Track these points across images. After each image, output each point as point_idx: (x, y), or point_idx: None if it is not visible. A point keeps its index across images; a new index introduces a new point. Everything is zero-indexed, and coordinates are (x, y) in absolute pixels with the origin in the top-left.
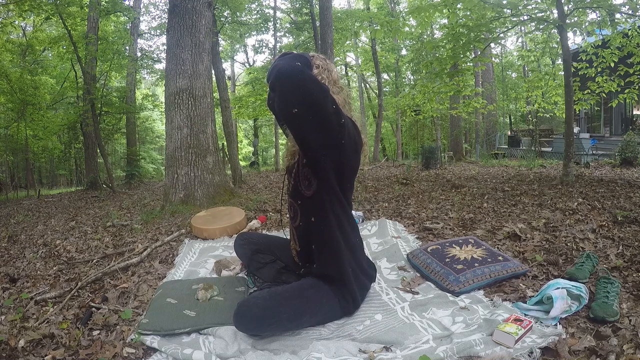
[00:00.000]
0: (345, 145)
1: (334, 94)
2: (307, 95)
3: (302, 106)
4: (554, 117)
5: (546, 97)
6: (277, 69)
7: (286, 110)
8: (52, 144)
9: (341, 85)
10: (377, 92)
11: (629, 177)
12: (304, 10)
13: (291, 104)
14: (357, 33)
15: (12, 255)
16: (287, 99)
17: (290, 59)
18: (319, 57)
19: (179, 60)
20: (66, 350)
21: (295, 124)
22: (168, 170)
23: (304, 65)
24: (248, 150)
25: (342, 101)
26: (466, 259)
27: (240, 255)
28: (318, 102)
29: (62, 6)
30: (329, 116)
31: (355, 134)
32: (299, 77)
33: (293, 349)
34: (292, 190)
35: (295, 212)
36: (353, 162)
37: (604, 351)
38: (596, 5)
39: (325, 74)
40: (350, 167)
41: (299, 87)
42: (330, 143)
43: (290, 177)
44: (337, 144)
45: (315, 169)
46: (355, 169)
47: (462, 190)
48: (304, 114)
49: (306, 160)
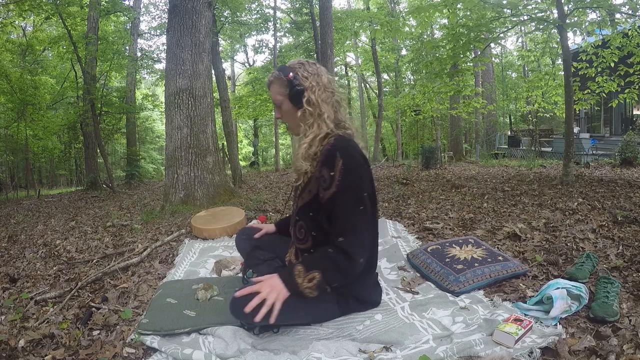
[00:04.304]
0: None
1: (324, 102)
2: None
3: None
4: (554, 117)
5: (546, 97)
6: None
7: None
8: (52, 144)
9: (333, 89)
10: (377, 92)
11: (629, 177)
12: (304, 10)
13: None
14: (357, 33)
15: (12, 255)
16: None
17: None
18: (307, 65)
19: (179, 60)
20: (66, 350)
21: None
22: (168, 170)
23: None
24: (248, 150)
25: (335, 104)
26: (466, 259)
27: (240, 249)
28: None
29: (62, 6)
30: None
31: (367, 168)
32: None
33: (293, 349)
34: (303, 214)
35: (306, 237)
36: (373, 188)
37: (604, 351)
38: (596, 5)
39: (314, 80)
40: (375, 194)
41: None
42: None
43: (298, 197)
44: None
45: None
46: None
47: (462, 190)
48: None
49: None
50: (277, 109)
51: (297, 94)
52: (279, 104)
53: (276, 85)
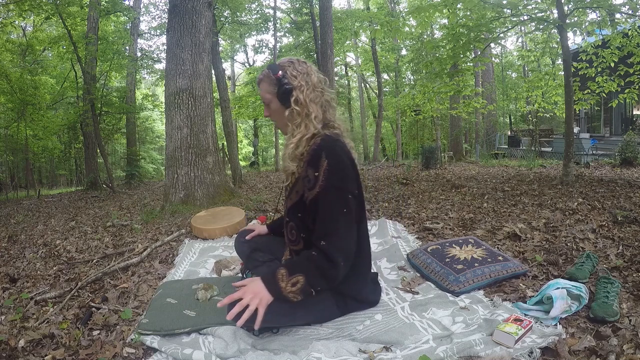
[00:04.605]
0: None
1: (312, 102)
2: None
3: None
4: (554, 117)
5: (546, 97)
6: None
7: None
8: (52, 144)
9: (323, 88)
10: (377, 92)
11: (629, 177)
12: (304, 10)
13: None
14: (357, 33)
15: (12, 255)
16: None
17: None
18: (297, 63)
19: (179, 60)
20: (66, 350)
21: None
22: (168, 170)
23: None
24: (248, 150)
25: (324, 104)
26: (466, 259)
27: (240, 252)
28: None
29: (62, 6)
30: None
31: (353, 169)
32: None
33: (293, 349)
34: (293, 215)
35: (297, 239)
36: (360, 189)
37: (604, 351)
38: (596, 5)
39: (303, 79)
40: (362, 194)
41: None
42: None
43: (287, 198)
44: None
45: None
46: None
47: (462, 190)
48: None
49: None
50: (266, 107)
51: (285, 92)
52: (268, 102)
53: (265, 84)
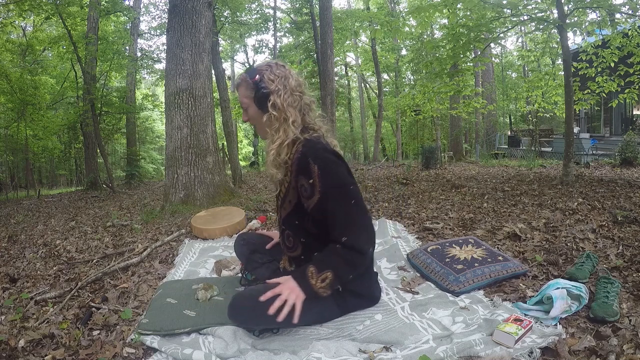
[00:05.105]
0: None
1: (290, 106)
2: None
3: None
4: (554, 117)
5: (546, 97)
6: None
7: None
8: (52, 144)
9: (302, 92)
10: (377, 92)
11: (629, 177)
12: (304, 10)
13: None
14: (357, 33)
15: (12, 255)
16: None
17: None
18: (275, 67)
19: (179, 60)
20: (66, 350)
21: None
22: (168, 170)
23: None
24: (248, 150)
25: (304, 107)
26: (466, 259)
27: (239, 254)
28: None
29: (62, 6)
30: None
31: (342, 162)
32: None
33: (293, 349)
34: (288, 224)
35: (295, 245)
36: (354, 180)
37: (604, 351)
38: (596, 5)
39: (281, 83)
40: (360, 192)
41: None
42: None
43: (280, 207)
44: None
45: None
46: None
47: (462, 190)
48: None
49: (319, 212)
50: (244, 112)
51: (262, 97)
52: (246, 107)
53: (242, 88)
